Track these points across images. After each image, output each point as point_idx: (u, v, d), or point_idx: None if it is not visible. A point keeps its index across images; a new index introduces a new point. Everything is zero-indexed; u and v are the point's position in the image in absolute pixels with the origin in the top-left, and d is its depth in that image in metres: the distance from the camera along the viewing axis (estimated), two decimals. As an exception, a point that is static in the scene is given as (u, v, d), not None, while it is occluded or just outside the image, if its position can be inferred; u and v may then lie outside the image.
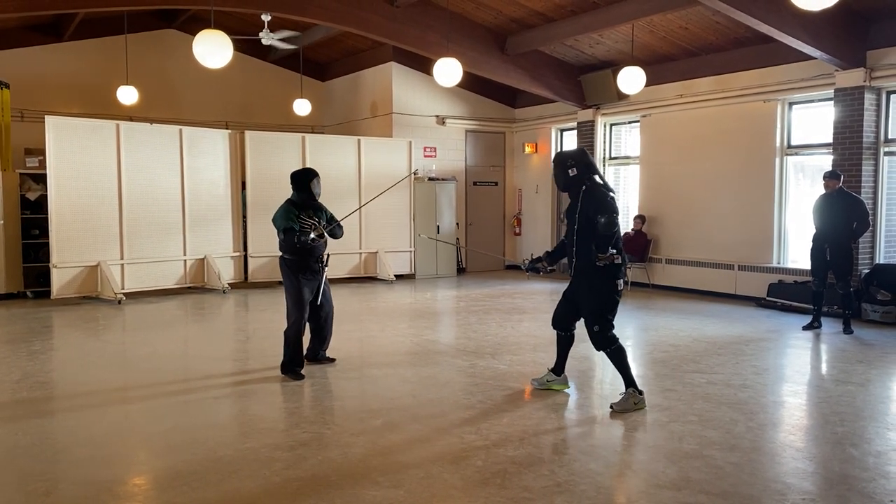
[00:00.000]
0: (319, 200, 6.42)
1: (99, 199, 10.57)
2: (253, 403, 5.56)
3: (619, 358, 5.30)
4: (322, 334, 6.64)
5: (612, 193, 5.36)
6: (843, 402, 5.53)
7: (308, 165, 12.30)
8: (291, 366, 6.25)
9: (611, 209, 5.18)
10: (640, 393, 5.31)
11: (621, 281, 5.27)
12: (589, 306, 5.32)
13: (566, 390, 5.78)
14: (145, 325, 8.98)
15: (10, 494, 3.85)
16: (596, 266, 5.20)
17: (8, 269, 10.74)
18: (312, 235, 6.08)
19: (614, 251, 5.20)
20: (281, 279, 6.47)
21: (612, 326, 5.31)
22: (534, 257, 5.93)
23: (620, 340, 5.35)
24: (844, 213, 8.09)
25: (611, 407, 5.26)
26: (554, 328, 5.73)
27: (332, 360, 6.75)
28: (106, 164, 10.64)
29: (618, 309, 5.34)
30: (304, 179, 6.28)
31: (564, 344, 5.75)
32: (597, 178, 5.39)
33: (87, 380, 6.28)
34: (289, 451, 4.54)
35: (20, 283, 10.93)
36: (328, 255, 6.43)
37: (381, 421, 5.07)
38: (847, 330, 8.14)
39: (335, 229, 6.45)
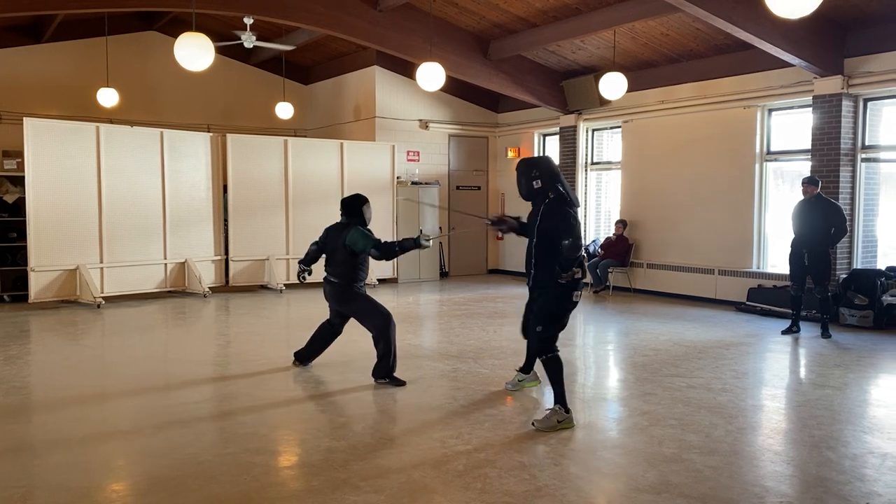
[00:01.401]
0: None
1: (78, 202, 10.46)
2: (233, 408, 5.52)
3: (553, 368, 5.08)
4: (328, 343, 6.66)
5: (572, 210, 5.14)
6: (820, 405, 5.59)
7: (290, 169, 12.34)
8: (393, 370, 6.18)
9: (574, 232, 4.97)
10: (567, 411, 5.02)
11: (578, 293, 5.09)
12: (539, 307, 5.18)
13: (538, 386, 5.98)
14: (125, 330, 8.90)
15: (-15, 501, 3.81)
16: (555, 281, 5.03)
17: (-15, 273, 10.63)
18: (426, 238, 6.09)
19: (577, 269, 5.01)
20: (348, 300, 6.34)
21: (555, 333, 5.13)
22: (498, 217, 5.69)
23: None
24: (822, 219, 8.18)
25: (532, 424, 4.97)
26: (524, 337, 5.73)
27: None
28: (86, 167, 10.54)
29: (566, 320, 5.19)
30: (357, 204, 6.30)
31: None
32: (561, 189, 5.17)
33: (65, 385, 6.21)
34: (269, 455, 4.53)
35: (-3, 287, 10.81)
36: None
37: (361, 425, 5.06)
38: (825, 334, 8.24)
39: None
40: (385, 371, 6.14)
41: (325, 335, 6.61)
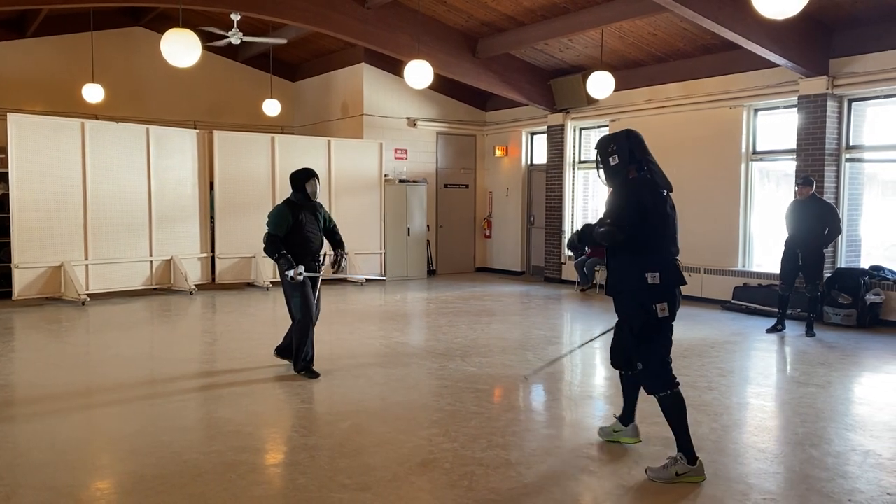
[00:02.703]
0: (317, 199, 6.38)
1: (63, 199, 10.38)
2: (219, 406, 5.50)
3: (670, 409, 4.10)
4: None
5: (652, 195, 4.22)
6: (804, 403, 5.64)
7: (277, 166, 12.29)
8: (305, 363, 6.22)
9: (619, 216, 4.08)
10: (693, 461, 4.00)
11: (661, 305, 4.04)
12: (630, 333, 4.22)
13: (634, 444, 4.61)
14: (110, 327, 8.84)
15: (-33, 500, 3.77)
16: (623, 285, 4.20)
17: (-32, 270, 10.51)
18: (290, 274, 6.00)
19: (654, 273, 4.03)
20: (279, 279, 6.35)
21: (661, 364, 4.12)
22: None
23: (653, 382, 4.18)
24: (817, 219, 8.24)
25: (646, 471, 4.11)
26: (613, 367, 4.51)
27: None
28: (71, 163, 10.45)
29: (667, 339, 4.15)
30: (300, 179, 6.23)
31: (628, 385, 4.58)
32: (645, 168, 4.34)
33: (49, 383, 6.16)
34: (255, 453, 4.51)
35: (-20, 284, 10.70)
36: (325, 255, 6.40)
37: (348, 423, 5.05)
38: (810, 333, 8.30)
39: (340, 258, 6.37)
40: (300, 366, 6.23)
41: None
